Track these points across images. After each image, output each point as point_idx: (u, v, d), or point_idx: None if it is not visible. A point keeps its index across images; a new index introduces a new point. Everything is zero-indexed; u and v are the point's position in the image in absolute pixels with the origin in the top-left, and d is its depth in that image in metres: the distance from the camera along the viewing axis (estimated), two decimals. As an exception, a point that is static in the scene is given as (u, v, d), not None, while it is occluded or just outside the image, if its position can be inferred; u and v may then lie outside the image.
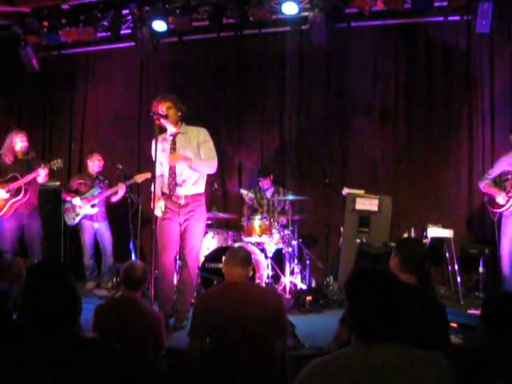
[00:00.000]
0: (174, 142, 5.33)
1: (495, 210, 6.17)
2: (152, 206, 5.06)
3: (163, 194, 5.39)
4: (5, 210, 6.51)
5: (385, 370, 1.91)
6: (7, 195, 6.48)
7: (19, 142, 6.69)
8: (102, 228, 7.25)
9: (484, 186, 6.27)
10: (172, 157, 5.22)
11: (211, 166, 5.36)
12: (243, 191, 7.19)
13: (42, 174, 6.54)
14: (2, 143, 7.66)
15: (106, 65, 8.83)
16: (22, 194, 6.51)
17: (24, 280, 3.65)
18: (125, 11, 7.80)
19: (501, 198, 6.03)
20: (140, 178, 6.91)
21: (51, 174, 6.85)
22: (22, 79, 8.83)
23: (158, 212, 5.28)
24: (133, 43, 7.98)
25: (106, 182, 7.35)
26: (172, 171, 5.30)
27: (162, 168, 5.35)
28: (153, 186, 5.04)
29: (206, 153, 5.33)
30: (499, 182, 6.19)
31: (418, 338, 2.14)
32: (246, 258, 3.62)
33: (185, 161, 5.17)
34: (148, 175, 6.67)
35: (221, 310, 3.38)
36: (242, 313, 3.33)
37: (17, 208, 6.55)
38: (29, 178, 6.53)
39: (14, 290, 3.72)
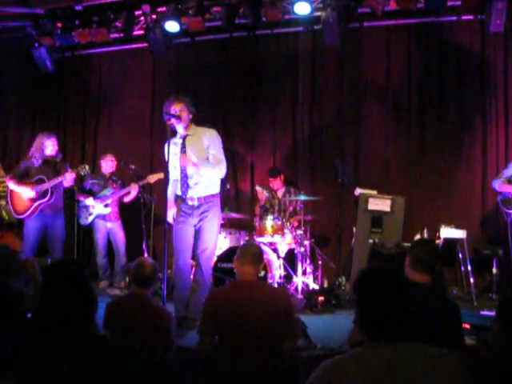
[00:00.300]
0: (183, 145, 5.35)
1: (509, 211, 6.13)
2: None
3: (177, 196, 5.41)
4: (30, 210, 6.59)
5: (396, 369, 1.91)
6: (34, 196, 6.56)
7: (50, 146, 6.76)
8: (115, 228, 7.28)
9: (499, 184, 6.23)
10: (182, 158, 5.25)
11: (219, 171, 5.36)
12: (258, 188, 7.17)
13: (68, 179, 6.63)
14: (17, 143, 7.77)
15: (119, 65, 8.88)
16: (48, 197, 6.59)
17: (38, 280, 3.69)
18: (137, 12, 7.87)
19: None
20: (153, 179, 6.96)
21: (77, 179, 6.93)
22: (36, 80, 8.89)
23: (170, 219, 5.32)
24: (146, 44, 8.04)
25: (119, 182, 7.39)
26: (184, 174, 5.32)
27: (175, 172, 5.38)
28: (166, 191, 5.13)
29: (213, 156, 5.34)
30: None
31: (431, 338, 2.13)
32: (257, 256, 3.63)
33: (193, 166, 5.20)
34: (161, 175, 6.71)
35: (230, 307, 3.39)
36: (251, 311, 3.34)
37: (42, 209, 6.61)
38: (55, 181, 6.59)
39: (29, 289, 3.75)
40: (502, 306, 2.63)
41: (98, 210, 7.17)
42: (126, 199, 7.28)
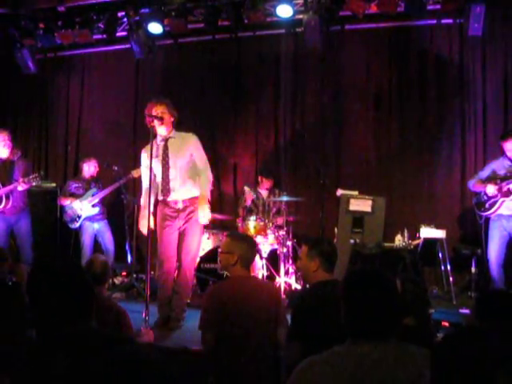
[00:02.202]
0: (165, 147, 5.35)
1: (482, 214, 6.23)
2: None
3: (159, 201, 5.43)
4: None
5: (379, 366, 1.97)
6: None
7: (1, 148, 6.54)
8: (102, 228, 7.22)
9: (473, 184, 6.31)
10: (205, 216, 5.33)
11: (210, 179, 5.47)
12: (247, 189, 7.18)
13: (22, 187, 6.47)
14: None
15: (101, 67, 8.88)
16: (3, 203, 6.47)
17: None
18: (120, 13, 7.87)
19: (490, 188, 6.03)
20: (137, 173, 6.81)
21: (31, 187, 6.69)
22: (18, 81, 8.85)
23: (143, 228, 5.34)
24: (128, 45, 8.02)
25: (100, 184, 7.31)
26: (165, 175, 5.33)
27: (157, 175, 5.39)
28: (142, 199, 5.23)
29: (200, 163, 5.39)
30: (488, 181, 6.20)
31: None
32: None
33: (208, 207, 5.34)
34: None
35: (230, 302, 3.50)
36: (250, 304, 3.49)
37: (2, 212, 6.51)
38: (8, 189, 6.46)
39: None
40: (480, 300, 2.68)
41: (86, 212, 7.09)
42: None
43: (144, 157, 5.43)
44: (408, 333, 3.09)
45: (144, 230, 5.30)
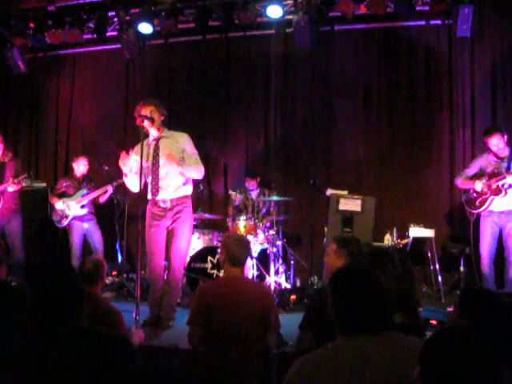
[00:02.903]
0: (157, 147, 5.38)
1: (473, 211, 6.28)
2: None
3: (149, 200, 5.45)
4: None
5: (372, 358, 2.01)
6: None
7: None
8: (92, 228, 7.19)
9: (460, 181, 6.35)
10: (169, 156, 5.24)
11: (199, 172, 5.43)
12: (232, 193, 7.26)
13: (12, 188, 6.52)
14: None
15: (91, 66, 8.88)
16: None
17: None
18: (111, 13, 7.86)
19: (479, 185, 6.08)
20: None
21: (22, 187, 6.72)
22: (8, 80, 8.85)
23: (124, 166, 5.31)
24: (119, 45, 8.03)
25: (93, 184, 7.29)
26: (155, 174, 5.35)
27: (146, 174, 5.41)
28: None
29: (192, 160, 5.39)
30: (475, 178, 6.25)
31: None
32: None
33: (177, 164, 5.24)
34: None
35: (216, 301, 3.53)
36: (236, 304, 3.51)
37: None
38: None
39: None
40: (463, 299, 2.72)
41: (74, 212, 7.09)
42: (102, 199, 7.22)
43: (133, 156, 5.40)
44: (396, 329, 3.15)
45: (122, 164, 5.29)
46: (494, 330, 2.22)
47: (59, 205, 7.09)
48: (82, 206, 7.10)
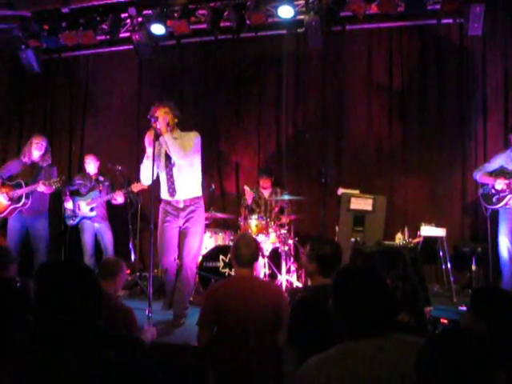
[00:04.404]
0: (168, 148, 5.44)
1: (489, 206, 6.26)
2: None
3: (163, 200, 5.53)
4: (5, 212, 6.68)
5: (379, 360, 2.02)
6: (8, 202, 6.63)
7: (35, 150, 6.82)
8: (103, 228, 7.25)
9: (480, 176, 6.33)
10: (162, 124, 5.28)
11: (181, 153, 5.34)
12: (246, 188, 7.28)
13: (41, 189, 6.63)
14: (4, 145, 7.77)
15: (105, 67, 8.95)
16: (22, 202, 6.64)
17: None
18: (124, 15, 7.93)
19: (499, 184, 6.07)
20: (136, 188, 6.91)
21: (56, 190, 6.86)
22: (23, 81, 8.95)
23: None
24: (131, 46, 8.11)
25: (107, 183, 7.33)
26: (169, 175, 5.44)
27: (160, 174, 5.53)
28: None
29: (186, 143, 5.41)
30: (496, 175, 6.23)
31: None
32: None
33: (164, 130, 5.27)
34: (144, 186, 6.76)
35: (229, 301, 3.55)
36: (250, 305, 3.52)
37: (20, 211, 6.70)
38: (29, 189, 6.64)
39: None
40: (475, 296, 2.70)
41: (84, 212, 7.17)
42: (114, 202, 7.24)
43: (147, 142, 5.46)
44: (402, 329, 3.15)
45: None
46: (507, 329, 2.20)
47: (69, 204, 7.19)
48: (92, 209, 7.16)
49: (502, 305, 2.42)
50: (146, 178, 5.44)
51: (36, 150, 6.83)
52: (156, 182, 5.54)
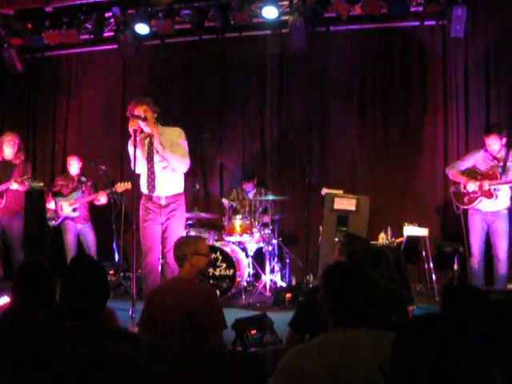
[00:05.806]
0: (150, 143, 5.44)
1: (460, 205, 6.33)
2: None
3: (143, 195, 5.52)
4: None
5: (361, 351, 2.07)
6: None
7: (6, 148, 6.74)
8: (85, 229, 7.26)
9: (452, 174, 6.41)
10: (150, 123, 5.30)
11: (184, 163, 5.45)
12: (225, 201, 7.31)
13: (14, 186, 6.59)
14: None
15: (89, 67, 8.90)
16: None
17: None
18: (108, 14, 7.89)
19: (471, 186, 6.12)
20: (120, 188, 6.91)
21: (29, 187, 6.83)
22: (6, 80, 8.87)
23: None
24: (115, 46, 8.08)
25: (89, 184, 7.32)
26: (150, 171, 5.42)
27: (142, 168, 5.47)
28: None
29: (180, 150, 5.43)
30: (467, 174, 6.29)
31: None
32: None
33: (162, 149, 5.28)
34: (128, 186, 6.73)
35: (163, 303, 3.52)
36: (172, 307, 3.46)
37: None
38: (2, 187, 6.59)
39: None
40: (445, 295, 2.73)
41: (66, 213, 7.14)
42: (97, 202, 7.24)
43: (131, 149, 5.47)
44: (385, 327, 3.19)
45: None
46: (473, 326, 2.25)
47: (52, 205, 7.16)
48: (74, 209, 7.13)
49: (471, 301, 2.48)
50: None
51: (8, 148, 6.74)
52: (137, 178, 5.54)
